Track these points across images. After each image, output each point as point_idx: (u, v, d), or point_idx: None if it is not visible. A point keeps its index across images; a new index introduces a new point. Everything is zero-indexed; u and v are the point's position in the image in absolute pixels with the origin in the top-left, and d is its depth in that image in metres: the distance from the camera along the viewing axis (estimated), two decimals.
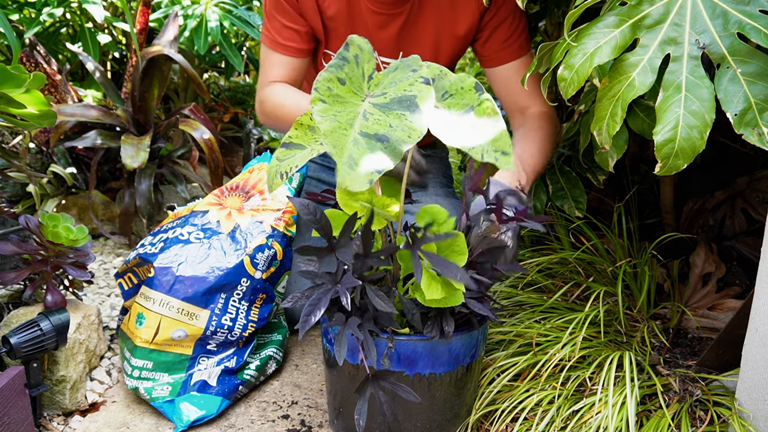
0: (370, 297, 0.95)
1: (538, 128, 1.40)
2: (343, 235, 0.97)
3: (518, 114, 1.46)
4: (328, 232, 0.98)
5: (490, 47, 1.45)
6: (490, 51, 1.45)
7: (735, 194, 1.57)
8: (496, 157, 0.85)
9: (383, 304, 0.94)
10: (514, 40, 1.43)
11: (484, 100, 0.90)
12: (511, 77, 1.44)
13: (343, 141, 0.80)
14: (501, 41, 1.43)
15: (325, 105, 0.84)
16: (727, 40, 0.88)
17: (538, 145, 1.38)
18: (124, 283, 1.33)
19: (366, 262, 0.97)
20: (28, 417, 1.09)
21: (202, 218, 1.34)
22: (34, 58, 1.94)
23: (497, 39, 1.43)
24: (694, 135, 0.88)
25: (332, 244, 0.98)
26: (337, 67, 0.89)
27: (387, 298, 0.96)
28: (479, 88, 0.91)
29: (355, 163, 0.78)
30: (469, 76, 0.93)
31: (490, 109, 0.90)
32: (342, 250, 0.97)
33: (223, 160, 1.97)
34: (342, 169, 0.78)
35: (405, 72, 0.92)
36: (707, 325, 1.36)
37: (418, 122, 0.84)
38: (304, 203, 0.97)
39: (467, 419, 1.13)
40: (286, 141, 0.94)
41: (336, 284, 0.96)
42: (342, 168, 0.78)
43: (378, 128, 0.83)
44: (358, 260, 0.97)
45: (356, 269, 0.97)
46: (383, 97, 0.88)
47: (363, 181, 0.78)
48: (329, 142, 0.79)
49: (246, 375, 1.30)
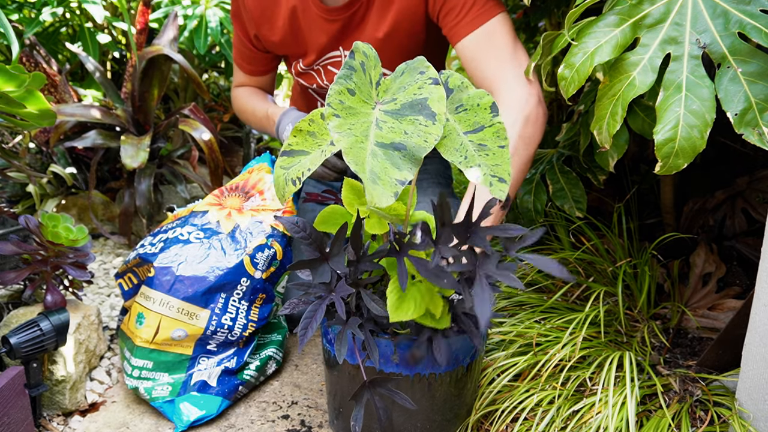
0: (366, 301, 0.94)
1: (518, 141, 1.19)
2: (335, 245, 0.97)
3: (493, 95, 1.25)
4: (320, 244, 0.98)
5: (447, 19, 1.30)
6: (449, 24, 1.29)
7: (735, 194, 1.57)
8: (492, 182, 0.83)
9: (378, 308, 0.93)
10: (470, 8, 1.25)
11: (497, 122, 0.88)
12: (475, 51, 1.25)
13: (363, 155, 0.78)
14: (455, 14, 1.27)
15: (340, 120, 0.81)
16: (728, 39, 0.88)
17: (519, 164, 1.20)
18: (124, 283, 1.33)
19: (359, 267, 0.97)
20: (27, 417, 1.09)
21: (202, 218, 1.34)
22: (34, 58, 1.94)
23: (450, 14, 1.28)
24: (694, 134, 0.88)
25: (325, 254, 0.98)
26: (346, 77, 0.87)
27: (382, 302, 0.94)
28: (495, 108, 0.89)
29: (378, 178, 0.77)
30: (487, 95, 0.91)
31: (500, 133, 0.87)
32: (335, 260, 0.97)
33: (223, 160, 1.97)
34: (367, 186, 0.76)
35: (412, 75, 0.90)
36: (707, 325, 1.36)
37: (433, 125, 0.82)
38: (292, 221, 0.97)
39: (467, 419, 1.13)
40: (286, 149, 0.93)
41: (331, 293, 0.96)
42: (367, 184, 0.76)
43: (393, 137, 0.81)
44: (351, 266, 0.97)
45: (350, 276, 0.97)
46: (394, 104, 0.87)
47: (388, 195, 0.76)
48: (351, 160, 0.77)
49: (246, 375, 1.30)
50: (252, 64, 1.62)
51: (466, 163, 0.84)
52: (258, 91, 1.69)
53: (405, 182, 0.78)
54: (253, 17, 1.48)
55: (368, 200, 0.76)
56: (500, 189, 0.83)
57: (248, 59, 1.61)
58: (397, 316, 0.89)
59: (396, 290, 0.92)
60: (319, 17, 1.43)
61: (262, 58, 1.60)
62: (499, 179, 0.83)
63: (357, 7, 1.40)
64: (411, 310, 0.90)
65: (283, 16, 1.45)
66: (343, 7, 1.40)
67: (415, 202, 1.08)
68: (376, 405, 0.93)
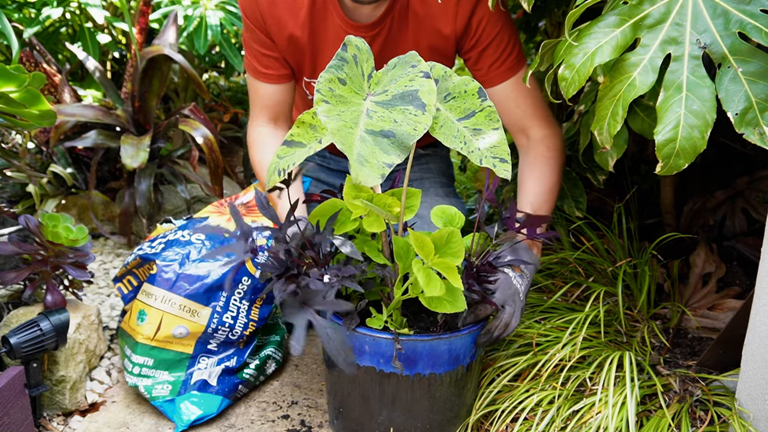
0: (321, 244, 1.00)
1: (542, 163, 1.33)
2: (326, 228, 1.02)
3: (521, 134, 1.38)
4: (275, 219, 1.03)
5: (480, 69, 1.36)
6: (482, 73, 1.36)
7: (735, 194, 1.57)
8: (494, 164, 0.86)
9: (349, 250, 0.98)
10: (504, 59, 1.33)
11: (486, 106, 0.91)
12: (507, 96, 1.35)
13: (351, 139, 0.81)
14: (490, 63, 1.34)
15: (329, 105, 0.83)
16: (728, 39, 0.88)
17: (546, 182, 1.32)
18: (123, 287, 1.34)
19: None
20: (27, 417, 1.09)
21: (203, 223, 1.35)
22: (34, 58, 1.94)
23: (486, 62, 1.34)
24: (695, 135, 0.88)
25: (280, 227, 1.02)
26: (337, 67, 0.89)
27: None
28: (482, 93, 0.92)
29: (365, 160, 0.79)
30: (473, 80, 0.93)
31: (491, 116, 0.90)
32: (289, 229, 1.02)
33: (223, 160, 1.97)
34: (354, 165, 0.78)
35: (404, 68, 0.92)
36: (707, 325, 1.36)
37: (423, 115, 0.84)
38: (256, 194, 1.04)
39: (467, 419, 1.13)
40: (288, 139, 0.95)
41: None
42: (353, 164, 0.78)
43: (383, 125, 0.83)
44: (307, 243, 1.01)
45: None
46: (384, 95, 0.88)
47: (375, 176, 0.78)
48: (338, 140, 0.79)
49: (246, 374, 1.30)
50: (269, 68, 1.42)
51: (467, 148, 0.87)
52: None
53: (392, 165, 0.80)
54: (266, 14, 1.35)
55: (353, 179, 0.78)
56: (504, 169, 0.86)
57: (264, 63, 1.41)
58: (429, 290, 0.92)
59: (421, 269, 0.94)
60: (344, 31, 1.34)
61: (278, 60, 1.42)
62: (501, 159, 0.87)
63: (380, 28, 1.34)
64: (437, 286, 0.93)
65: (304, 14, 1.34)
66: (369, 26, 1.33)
67: (419, 202, 1.09)
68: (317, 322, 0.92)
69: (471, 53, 1.36)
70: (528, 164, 1.34)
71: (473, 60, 1.37)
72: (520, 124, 1.37)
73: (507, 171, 0.86)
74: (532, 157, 1.34)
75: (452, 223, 1.08)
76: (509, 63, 1.34)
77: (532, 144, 1.35)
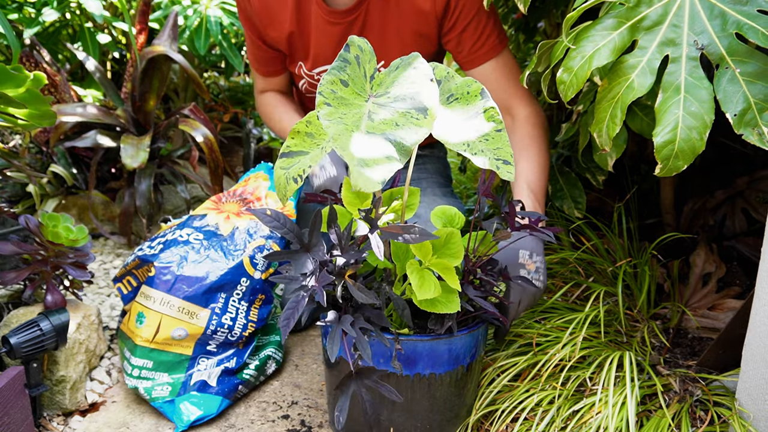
0: (351, 291, 0.94)
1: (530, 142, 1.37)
2: (313, 234, 0.98)
3: (505, 114, 1.41)
4: (298, 235, 0.98)
5: (462, 51, 1.40)
6: (463, 55, 1.40)
7: (735, 194, 1.57)
8: (498, 166, 0.86)
9: (363, 296, 0.93)
10: (484, 41, 1.37)
11: (490, 107, 0.90)
12: (489, 77, 1.39)
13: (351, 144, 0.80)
14: (471, 44, 1.37)
15: (331, 108, 0.83)
16: (726, 40, 0.88)
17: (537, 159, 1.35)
18: (122, 287, 1.34)
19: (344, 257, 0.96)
20: (27, 417, 1.09)
21: (201, 221, 1.35)
22: (34, 58, 1.94)
23: (466, 43, 1.38)
24: (693, 136, 0.88)
25: (304, 245, 0.98)
26: (339, 69, 0.88)
27: (367, 290, 0.94)
28: (485, 94, 0.91)
29: (366, 165, 0.77)
30: (475, 81, 0.93)
31: (495, 117, 0.89)
32: (315, 250, 0.97)
33: (223, 160, 1.97)
34: (354, 171, 0.77)
35: (406, 70, 0.91)
36: (707, 325, 1.36)
37: (424, 119, 0.84)
38: (263, 212, 0.99)
39: (467, 419, 1.13)
40: (285, 151, 0.94)
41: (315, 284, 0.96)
42: (354, 170, 0.77)
43: (384, 128, 0.82)
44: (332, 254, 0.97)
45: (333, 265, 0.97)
46: (386, 97, 0.88)
47: (375, 182, 0.77)
48: (338, 146, 0.78)
49: (246, 374, 1.30)
50: (266, 65, 1.59)
51: (470, 150, 0.87)
52: (283, 99, 1.65)
53: (393, 170, 0.79)
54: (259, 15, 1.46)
55: (353, 185, 0.77)
56: (507, 171, 0.87)
57: (262, 61, 1.58)
58: (422, 294, 0.93)
59: (416, 270, 0.94)
60: (323, 19, 1.41)
61: (275, 58, 1.56)
62: (504, 161, 0.87)
63: (357, 14, 1.38)
64: (431, 288, 0.93)
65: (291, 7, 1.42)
66: (345, 12, 1.38)
67: (418, 200, 1.09)
68: (362, 397, 0.92)
69: (451, 35, 1.39)
70: (516, 144, 1.37)
71: (454, 42, 1.40)
72: (504, 104, 1.40)
73: (510, 173, 0.86)
74: (519, 137, 1.38)
75: (452, 224, 1.08)
76: (490, 44, 1.37)
77: (517, 123, 1.39)
